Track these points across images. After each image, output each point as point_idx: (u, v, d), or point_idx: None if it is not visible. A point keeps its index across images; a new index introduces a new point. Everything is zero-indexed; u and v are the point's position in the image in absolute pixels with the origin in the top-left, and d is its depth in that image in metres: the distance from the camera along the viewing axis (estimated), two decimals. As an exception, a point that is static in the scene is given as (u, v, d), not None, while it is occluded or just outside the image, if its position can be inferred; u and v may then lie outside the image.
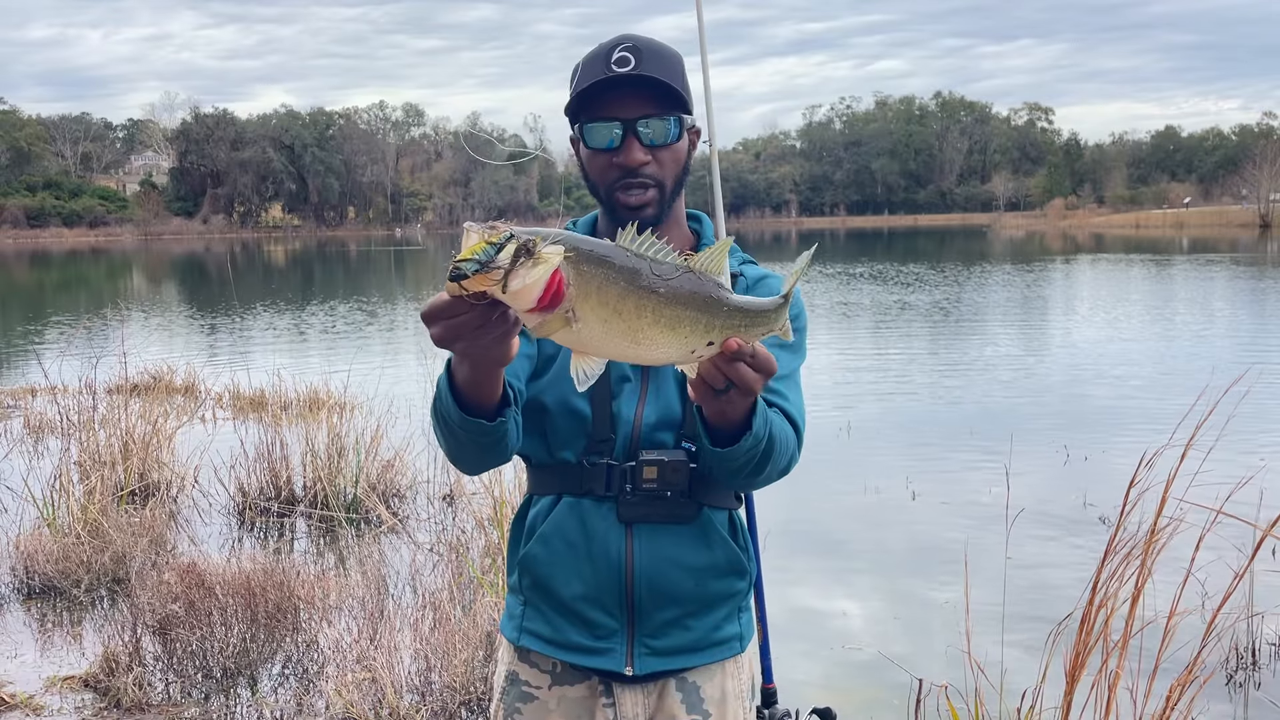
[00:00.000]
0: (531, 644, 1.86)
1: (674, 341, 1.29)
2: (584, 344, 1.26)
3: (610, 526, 1.79)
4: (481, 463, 1.69)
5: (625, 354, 1.28)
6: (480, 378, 1.47)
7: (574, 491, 1.82)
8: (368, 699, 3.98)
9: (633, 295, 1.24)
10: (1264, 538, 2.67)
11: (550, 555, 1.82)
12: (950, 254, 45.92)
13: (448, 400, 1.52)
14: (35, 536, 5.78)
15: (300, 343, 17.58)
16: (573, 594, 1.81)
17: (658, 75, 1.75)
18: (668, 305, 1.26)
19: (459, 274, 1.15)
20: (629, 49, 1.76)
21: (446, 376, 1.52)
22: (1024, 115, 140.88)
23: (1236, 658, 4.52)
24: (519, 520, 1.92)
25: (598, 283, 1.22)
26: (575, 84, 1.81)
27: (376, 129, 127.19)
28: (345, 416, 8.12)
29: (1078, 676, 2.74)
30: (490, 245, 1.15)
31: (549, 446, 1.84)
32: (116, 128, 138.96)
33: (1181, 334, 16.17)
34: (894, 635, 5.05)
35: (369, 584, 5.20)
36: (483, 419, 1.52)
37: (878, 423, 9.76)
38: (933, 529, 6.59)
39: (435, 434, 1.66)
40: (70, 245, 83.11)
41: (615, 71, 1.74)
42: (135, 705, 4.13)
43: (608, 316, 1.23)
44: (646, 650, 1.81)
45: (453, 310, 1.24)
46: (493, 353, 1.31)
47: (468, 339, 1.27)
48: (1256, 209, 68.04)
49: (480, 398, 1.51)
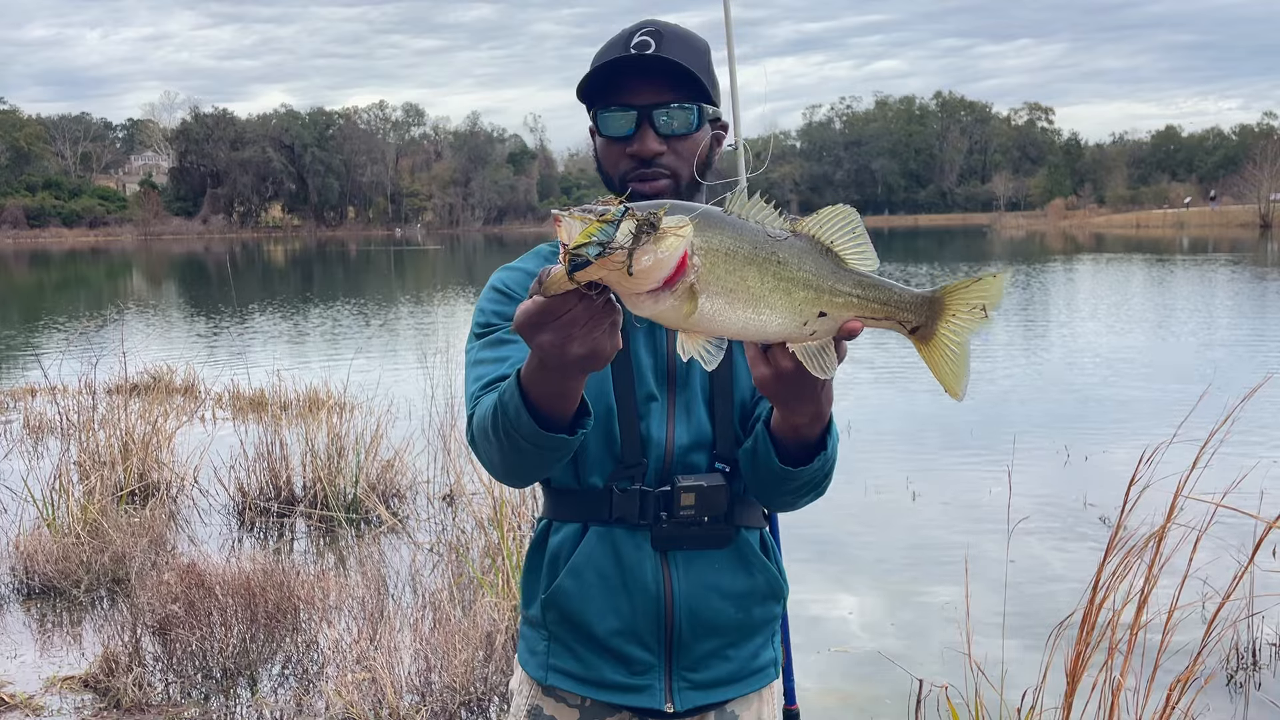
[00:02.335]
0: (560, 683, 1.73)
1: (790, 310, 1.20)
2: (701, 320, 1.15)
3: (645, 556, 1.68)
4: (541, 475, 1.58)
5: (745, 327, 1.18)
6: (569, 385, 1.32)
7: (603, 519, 1.69)
8: (368, 699, 3.98)
9: (755, 263, 1.15)
10: (1268, 531, 2.67)
11: (582, 589, 1.69)
12: (951, 254, 45.91)
13: (521, 415, 1.37)
14: (35, 536, 5.78)
15: (300, 343, 17.58)
16: (607, 629, 1.68)
17: (678, 59, 1.62)
18: (784, 269, 1.17)
19: (581, 262, 1.04)
20: (650, 32, 1.64)
21: (518, 389, 1.37)
22: (1024, 115, 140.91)
23: (1237, 658, 4.52)
24: (536, 548, 1.78)
25: (724, 252, 1.13)
26: (594, 63, 1.69)
27: (376, 129, 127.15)
28: (345, 416, 8.13)
29: (1079, 677, 2.74)
30: (606, 224, 1.05)
31: (575, 470, 1.70)
32: (116, 128, 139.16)
33: (1182, 334, 16.17)
34: (894, 636, 5.05)
35: (369, 584, 5.19)
36: (563, 433, 1.39)
37: (878, 423, 9.75)
38: (933, 529, 6.59)
39: (486, 454, 1.51)
40: (70, 245, 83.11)
41: (635, 55, 1.62)
42: (135, 705, 4.13)
43: (734, 286, 1.14)
44: (686, 684, 1.70)
45: (562, 308, 1.12)
46: (604, 348, 1.18)
47: (580, 336, 1.14)
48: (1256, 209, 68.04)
49: (562, 409, 1.37)
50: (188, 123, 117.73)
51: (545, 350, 1.17)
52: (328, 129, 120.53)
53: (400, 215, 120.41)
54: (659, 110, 1.63)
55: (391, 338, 18.15)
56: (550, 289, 1.09)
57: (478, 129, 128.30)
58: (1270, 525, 2.66)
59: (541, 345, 1.16)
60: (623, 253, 1.03)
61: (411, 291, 31.08)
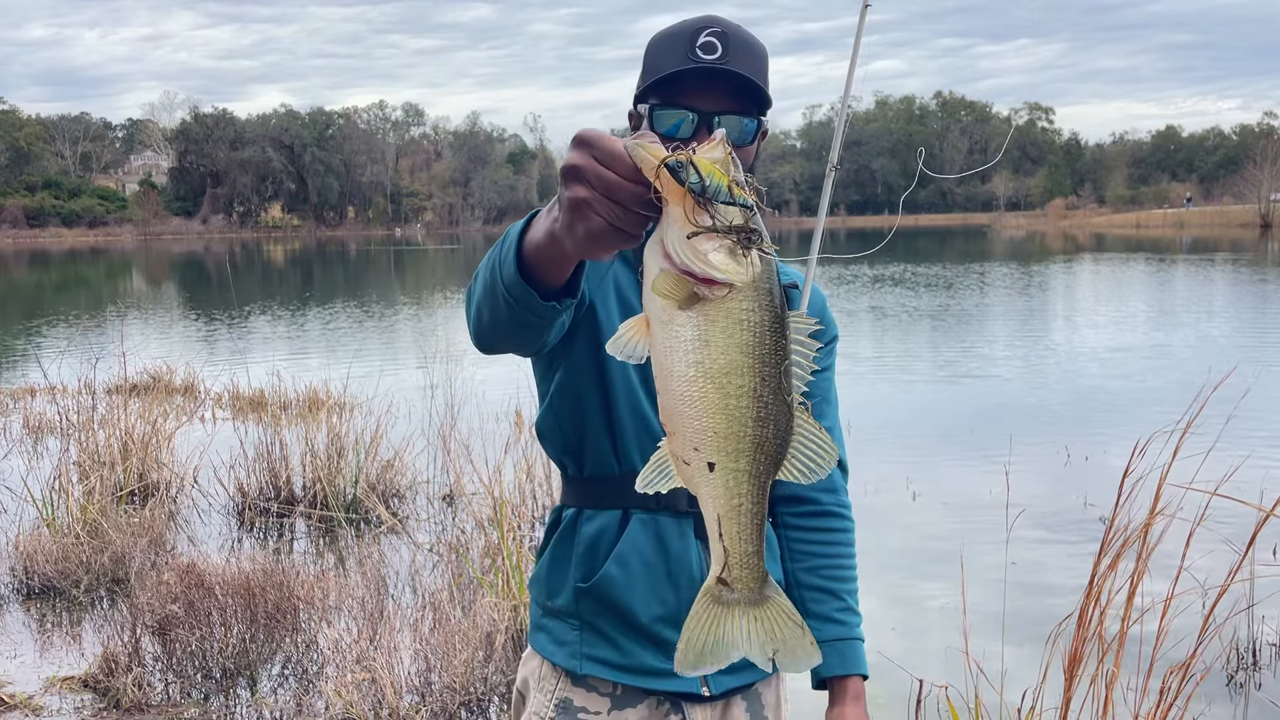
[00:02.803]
0: (596, 671, 1.73)
1: (708, 424, 1.06)
2: (660, 328, 1.04)
3: (689, 544, 1.70)
4: (506, 341, 1.45)
5: (670, 379, 1.06)
6: (554, 247, 1.17)
7: (648, 507, 1.69)
8: (368, 699, 3.98)
9: (750, 359, 1.03)
10: (1265, 520, 2.67)
11: (628, 577, 1.69)
12: (951, 254, 45.93)
13: (509, 252, 1.27)
14: (35, 537, 5.78)
15: (300, 343, 17.58)
16: (652, 617, 1.70)
17: (744, 70, 1.59)
18: (750, 401, 1.05)
19: (677, 172, 0.96)
20: (716, 34, 1.59)
21: (521, 228, 1.27)
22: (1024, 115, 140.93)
23: (1237, 658, 4.52)
24: (565, 538, 1.76)
25: (746, 316, 1.02)
26: (651, 63, 1.65)
27: (376, 129, 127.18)
28: (345, 416, 8.12)
29: (1076, 674, 2.74)
30: (728, 189, 0.97)
31: (616, 455, 1.70)
32: (116, 127, 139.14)
33: (1183, 334, 16.17)
34: (894, 636, 5.05)
35: (369, 584, 5.19)
36: (535, 292, 1.27)
37: (878, 423, 9.75)
38: (933, 529, 6.59)
39: (474, 286, 1.42)
40: (70, 245, 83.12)
41: (701, 59, 1.58)
42: (135, 705, 4.13)
43: (711, 342, 1.03)
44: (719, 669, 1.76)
45: (615, 163, 1.01)
46: (600, 238, 1.06)
47: (595, 197, 1.03)
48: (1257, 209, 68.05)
49: (541, 268, 1.25)
50: (187, 123, 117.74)
51: (567, 168, 1.05)
52: (327, 129, 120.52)
53: (400, 215, 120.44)
54: (719, 118, 1.61)
55: (391, 338, 18.16)
56: (637, 152, 0.99)
57: (477, 129, 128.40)
58: (1268, 514, 2.66)
59: (568, 162, 1.05)
60: (705, 219, 0.97)
61: (411, 291, 31.08)
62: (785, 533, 1.83)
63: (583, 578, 1.73)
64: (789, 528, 1.84)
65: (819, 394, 1.87)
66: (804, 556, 1.82)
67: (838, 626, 1.80)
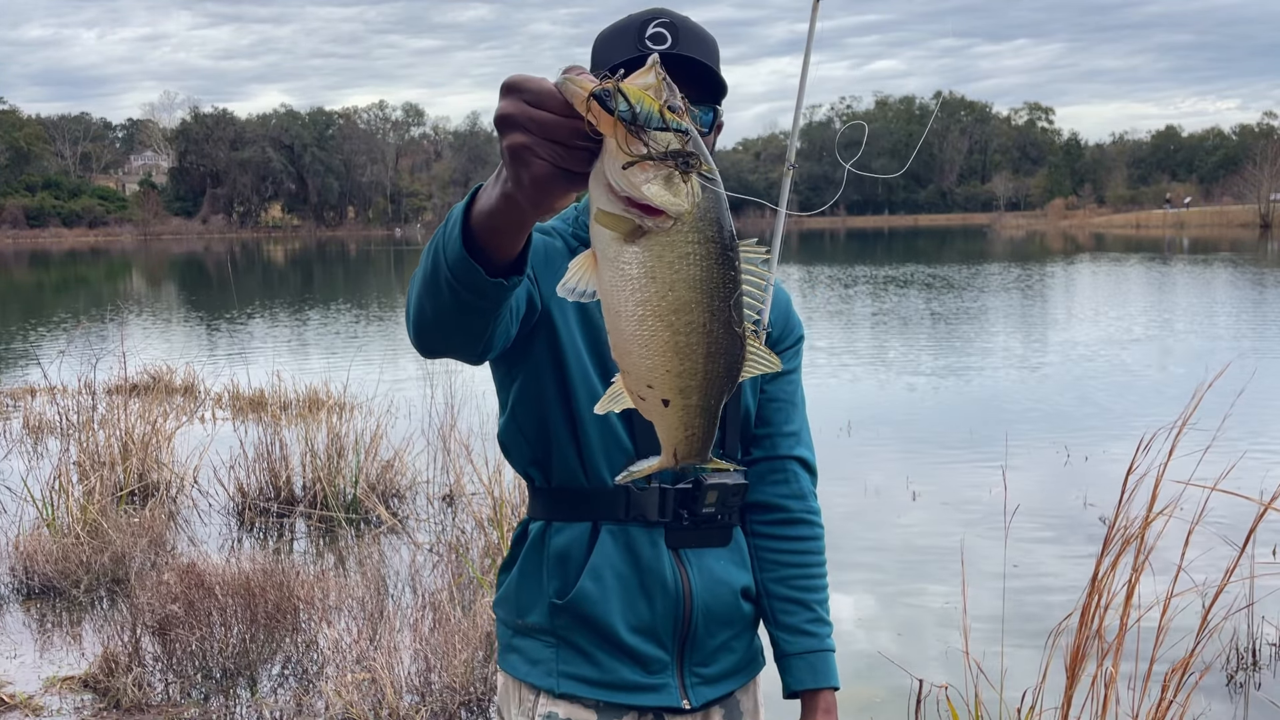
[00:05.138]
0: (574, 689, 1.69)
1: (659, 363, 1.03)
2: (607, 265, 1.00)
3: (661, 554, 1.68)
4: (449, 338, 1.36)
5: (618, 318, 1.02)
6: (504, 210, 1.11)
7: (617, 518, 1.67)
8: (368, 699, 3.98)
9: (697, 295, 1.00)
10: (1263, 512, 2.67)
11: (603, 592, 1.66)
12: (951, 254, 45.93)
13: (454, 228, 1.20)
14: (35, 537, 5.78)
15: (300, 343, 17.58)
16: (628, 630, 1.68)
17: (699, 57, 1.57)
18: (700, 337, 1.02)
19: (606, 102, 0.92)
20: (665, 25, 1.58)
21: (465, 203, 1.20)
22: (1024, 115, 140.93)
23: (1237, 658, 4.52)
24: (533, 553, 1.73)
25: (692, 249, 0.98)
26: (599, 59, 1.62)
27: (376, 129, 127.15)
28: (345, 416, 8.13)
29: (1077, 673, 2.74)
30: (660, 116, 0.93)
31: (583, 467, 1.66)
32: (116, 128, 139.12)
33: (1182, 333, 16.17)
34: (894, 636, 5.05)
35: (369, 584, 5.19)
36: (482, 268, 1.19)
37: (878, 422, 9.75)
38: (933, 529, 6.59)
39: (414, 282, 1.34)
40: (70, 245, 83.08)
41: (650, 49, 1.53)
42: (135, 706, 4.13)
43: (657, 278, 0.98)
44: (698, 680, 1.74)
45: (547, 101, 0.96)
46: (547, 184, 1.00)
47: (535, 140, 0.98)
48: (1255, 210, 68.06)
49: (492, 241, 1.18)
50: (187, 123, 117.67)
51: (499, 117, 1.00)
52: (327, 129, 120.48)
53: (400, 215, 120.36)
54: None
55: (391, 338, 18.15)
56: (566, 87, 0.95)
57: (478, 129, 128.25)
58: (1266, 506, 2.66)
59: (500, 110, 1.00)
60: (640, 147, 0.92)
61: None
62: (755, 541, 1.82)
63: (557, 593, 1.69)
64: (758, 536, 1.82)
65: (784, 396, 1.83)
66: (773, 566, 1.81)
67: (808, 639, 1.79)
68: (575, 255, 1.05)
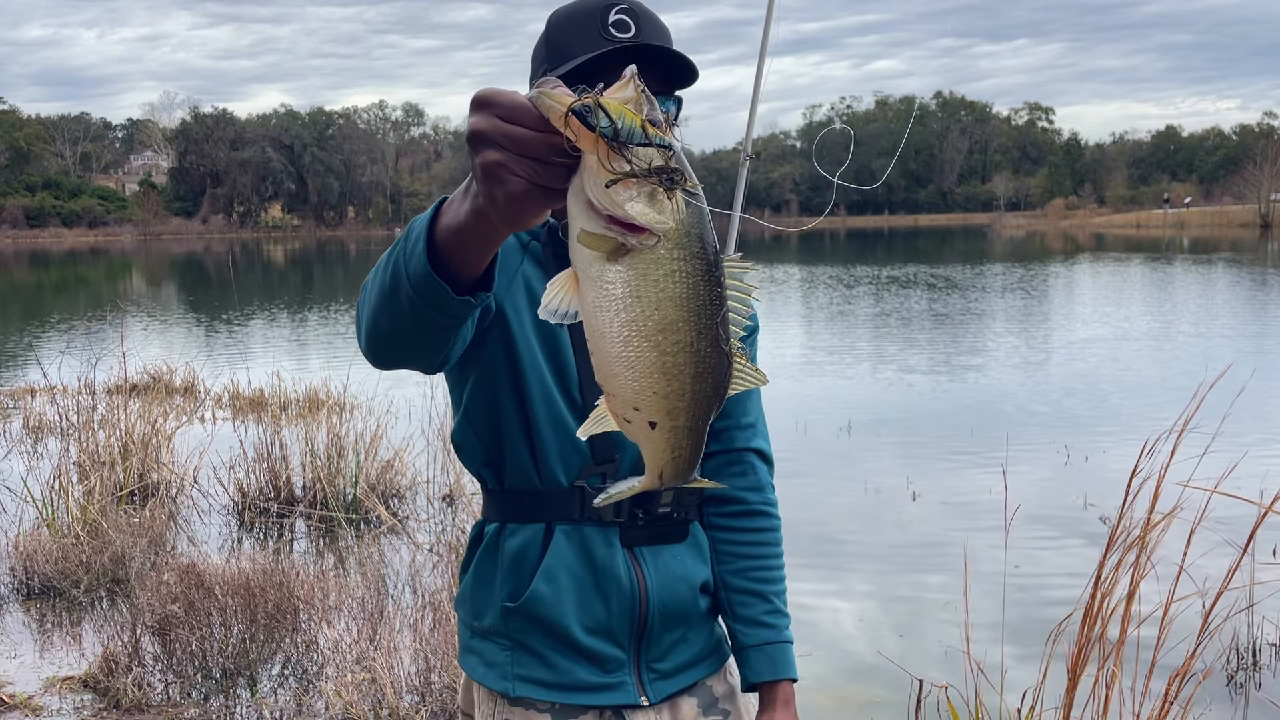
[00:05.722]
0: (529, 691, 1.68)
1: (645, 385, 1.01)
2: (589, 285, 0.98)
3: (616, 553, 1.67)
4: (404, 352, 1.31)
5: (602, 339, 0.99)
6: (475, 228, 1.07)
7: (571, 519, 1.65)
8: (367, 699, 3.98)
9: (684, 314, 0.98)
10: (1264, 515, 2.66)
11: (557, 593, 1.65)
12: (952, 254, 45.94)
13: (417, 244, 1.14)
14: (35, 537, 5.78)
15: (300, 343, 17.58)
16: (583, 631, 1.67)
17: (664, 45, 1.55)
18: (688, 357, 0.99)
19: (586, 117, 0.89)
20: (626, 11, 1.54)
21: (431, 214, 1.15)
22: (1024, 115, 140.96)
23: (1237, 658, 4.52)
24: (487, 556, 1.71)
25: (677, 267, 0.96)
26: (558, 45, 1.56)
27: (376, 129, 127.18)
28: (345, 416, 8.13)
29: (1079, 674, 2.74)
30: (642, 130, 0.91)
31: (536, 469, 1.65)
32: (116, 128, 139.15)
33: (1183, 334, 16.17)
34: (894, 636, 5.05)
35: (369, 584, 5.20)
36: (448, 285, 1.14)
37: (878, 422, 9.75)
38: (933, 529, 6.59)
39: (367, 292, 1.29)
40: (69, 245, 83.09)
41: (616, 37, 1.52)
42: (135, 706, 4.13)
43: (642, 297, 0.96)
44: (655, 675, 1.73)
45: (522, 117, 0.93)
46: (522, 202, 0.96)
47: (510, 157, 0.94)
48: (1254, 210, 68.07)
49: (458, 257, 1.13)
50: (187, 123, 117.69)
51: (471, 133, 0.97)
52: (327, 129, 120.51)
53: (400, 215, 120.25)
54: None
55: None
56: (541, 101, 0.92)
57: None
58: (1267, 509, 2.66)
59: (471, 127, 0.97)
60: (623, 164, 0.90)
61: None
62: (712, 533, 1.81)
63: (509, 596, 1.67)
64: (715, 529, 1.81)
65: None
66: (730, 559, 1.80)
67: (766, 630, 1.78)
68: (526, 250, 1.01)
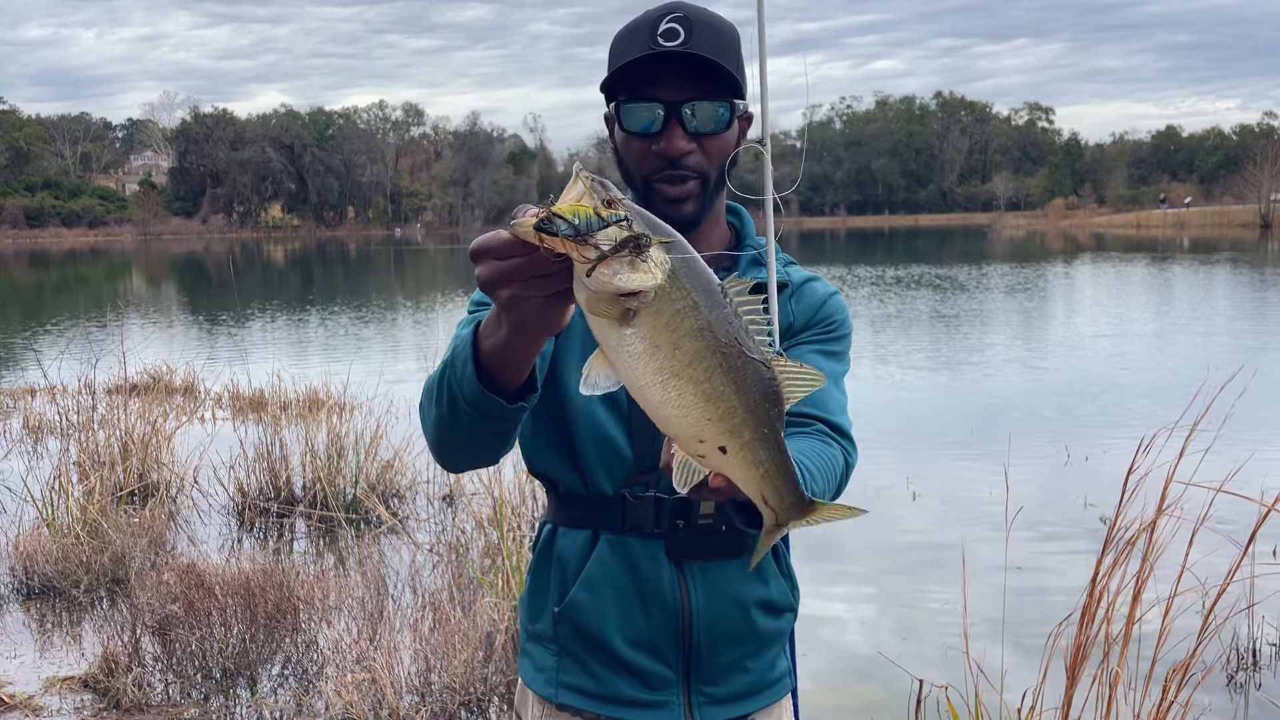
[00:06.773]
0: (572, 700, 1.65)
1: (698, 416, 1.10)
2: (615, 352, 1.09)
3: (661, 567, 1.61)
4: (475, 456, 1.45)
5: (644, 392, 1.09)
6: (516, 346, 1.22)
7: (615, 528, 1.62)
8: (368, 699, 3.98)
9: (702, 341, 1.06)
10: (1267, 514, 2.66)
11: (598, 602, 1.62)
12: (952, 254, 45.93)
13: (465, 368, 1.27)
14: (35, 537, 5.78)
15: (300, 343, 17.58)
16: (625, 644, 1.62)
17: (708, 53, 1.52)
18: (723, 377, 1.08)
19: (548, 227, 1.02)
20: (678, 19, 1.53)
21: (471, 340, 1.28)
22: (1024, 115, 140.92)
23: (1237, 658, 4.52)
24: (543, 557, 1.70)
25: (680, 305, 1.05)
26: (613, 56, 1.59)
27: (376, 129, 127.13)
28: (345, 417, 8.12)
29: (1078, 674, 2.74)
30: (597, 217, 1.02)
31: (582, 475, 1.63)
32: (116, 128, 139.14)
33: (1183, 334, 16.16)
34: (894, 636, 5.05)
35: (369, 584, 5.19)
36: (501, 398, 1.28)
37: (878, 422, 9.74)
38: (933, 529, 6.59)
39: (426, 411, 1.41)
40: (69, 245, 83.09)
41: (661, 46, 1.52)
42: (135, 706, 4.13)
43: (661, 344, 1.06)
44: (705, 699, 1.65)
45: (511, 250, 1.07)
46: (546, 314, 1.12)
47: (519, 286, 1.09)
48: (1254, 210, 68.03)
49: (505, 373, 1.27)
50: (187, 123, 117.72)
51: (481, 283, 1.11)
52: (327, 129, 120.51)
53: (400, 215, 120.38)
54: (688, 106, 1.55)
55: (391, 338, 18.15)
56: (516, 229, 1.05)
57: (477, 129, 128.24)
58: (1269, 509, 2.66)
59: (478, 277, 1.11)
60: (593, 251, 1.02)
61: (411, 292, 31.07)
62: None
63: (557, 600, 1.66)
64: None
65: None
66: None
67: None
68: None
